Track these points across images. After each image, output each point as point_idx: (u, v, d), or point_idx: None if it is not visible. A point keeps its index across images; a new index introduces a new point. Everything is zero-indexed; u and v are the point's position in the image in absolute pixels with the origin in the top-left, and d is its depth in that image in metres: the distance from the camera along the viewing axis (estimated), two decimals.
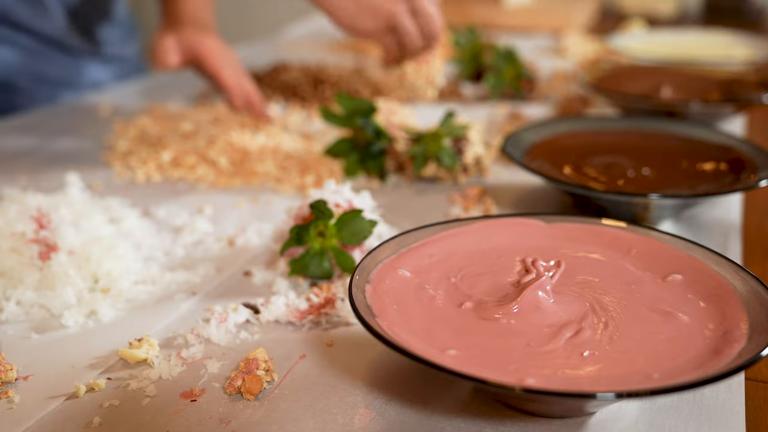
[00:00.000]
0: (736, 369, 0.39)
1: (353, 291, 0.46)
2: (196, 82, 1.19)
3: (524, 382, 0.40)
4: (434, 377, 0.48)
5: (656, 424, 0.44)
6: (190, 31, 0.98)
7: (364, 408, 0.46)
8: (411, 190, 0.80)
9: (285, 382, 0.48)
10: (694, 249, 0.52)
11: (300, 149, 0.89)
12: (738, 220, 0.72)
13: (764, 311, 0.45)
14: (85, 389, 0.47)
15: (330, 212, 0.59)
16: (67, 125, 1.01)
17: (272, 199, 0.78)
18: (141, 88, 1.21)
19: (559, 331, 0.45)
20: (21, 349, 0.52)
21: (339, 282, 0.59)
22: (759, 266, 0.66)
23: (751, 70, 1.13)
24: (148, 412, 0.45)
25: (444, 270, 0.52)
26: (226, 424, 0.44)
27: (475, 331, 0.45)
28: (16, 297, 0.56)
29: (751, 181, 0.67)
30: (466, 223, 0.57)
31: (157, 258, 0.65)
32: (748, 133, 1.00)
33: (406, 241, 0.54)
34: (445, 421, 0.44)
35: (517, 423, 0.44)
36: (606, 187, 0.69)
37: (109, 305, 0.56)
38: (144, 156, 0.87)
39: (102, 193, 0.79)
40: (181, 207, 0.76)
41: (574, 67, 1.30)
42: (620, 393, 0.38)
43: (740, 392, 0.47)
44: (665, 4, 1.94)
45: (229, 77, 0.95)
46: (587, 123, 0.85)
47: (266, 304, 0.56)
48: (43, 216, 0.60)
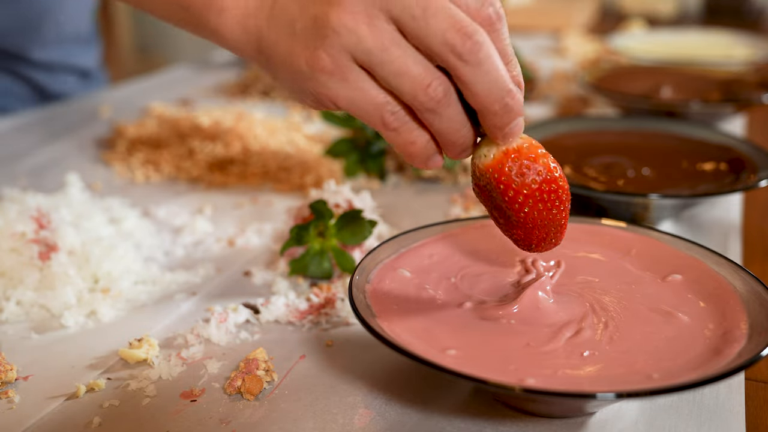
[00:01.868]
0: (736, 369, 0.39)
1: (353, 291, 0.46)
2: (196, 83, 1.19)
3: (524, 382, 0.40)
4: (434, 377, 0.48)
5: (656, 424, 0.44)
6: None
7: (364, 408, 0.46)
8: (411, 190, 0.80)
9: (285, 382, 0.48)
10: (694, 249, 0.52)
11: (300, 149, 0.89)
12: (738, 220, 0.72)
13: (764, 311, 0.45)
14: (85, 389, 0.47)
15: (330, 212, 0.59)
16: (67, 125, 1.01)
17: (272, 199, 0.78)
18: (141, 88, 1.21)
19: (559, 331, 0.45)
20: (21, 349, 0.52)
21: (339, 282, 0.59)
22: (759, 266, 0.66)
23: (751, 70, 1.13)
24: (148, 412, 0.45)
25: (444, 270, 0.52)
26: (226, 424, 0.44)
27: (475, 331, 0.45)
28: (16, 297, 0.56)
29: (751, 181, 0.67)
30: (466, 223, 0.57)
31: (157, 258, 0.65)
32: (748, 133, 1.00)
33: (406, 241, 0.54)
34: (445, 421, 0.44)
35: (517, 423, 0.44)
36: (606, 187, 0.69)
37: (109, 305, 0.56)
38: (144, 156, 0.87)
39: (102, 193, 0.79)
40: (181, 207, 0.76)
41: (574, 67, 1.30)
42: (620, 393, 0.38)
43: (740, 392, 0.47)
44: (665, 4, 1.94)
45: None
46: (587, 123, 0.85)
47: (266, 304, 0.56)
48: (43, 216, 0.60)
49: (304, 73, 0.43)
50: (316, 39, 0.43)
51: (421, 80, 0.42)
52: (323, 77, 0.43)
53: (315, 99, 0.45)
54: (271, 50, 0.46)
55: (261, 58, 0.47)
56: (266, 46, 0.46)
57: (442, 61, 0.41)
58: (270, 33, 0.46)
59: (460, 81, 0.42)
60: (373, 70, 0.42)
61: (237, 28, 0.47)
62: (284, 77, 0.46)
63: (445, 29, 0.41)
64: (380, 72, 0.42)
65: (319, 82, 0.43)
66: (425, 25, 0.41)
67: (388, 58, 0.41)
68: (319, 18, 0.42)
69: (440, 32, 0.41)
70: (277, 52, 0.45)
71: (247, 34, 0.47)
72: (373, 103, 0.43)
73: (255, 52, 0.47)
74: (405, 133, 0.44)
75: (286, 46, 0.44)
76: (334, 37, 0.42)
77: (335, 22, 0.42)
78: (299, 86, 0.45)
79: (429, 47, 0.41)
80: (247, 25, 0.47)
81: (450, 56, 0.41)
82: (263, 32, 0.46)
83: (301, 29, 0.43)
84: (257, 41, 0.46)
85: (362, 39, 0.41)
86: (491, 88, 0.41)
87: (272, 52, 0.46)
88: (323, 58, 0.42)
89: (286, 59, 0.44)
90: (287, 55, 0.44)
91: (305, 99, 0.45)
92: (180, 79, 1.28)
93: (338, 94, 0.43)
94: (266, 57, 0.46)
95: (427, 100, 0.42)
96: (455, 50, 0.41)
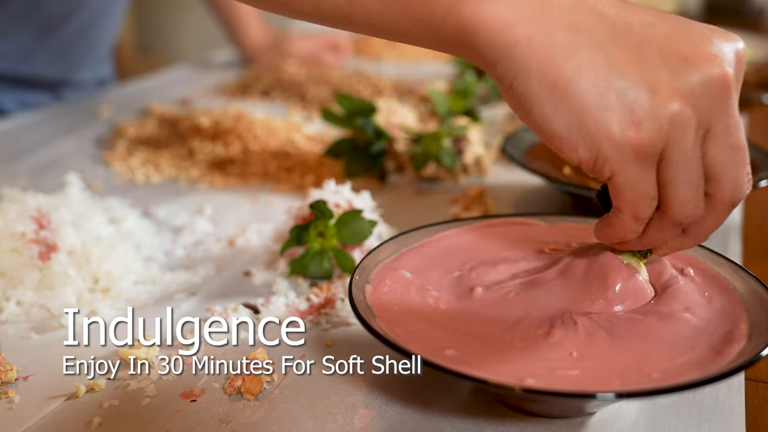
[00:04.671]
0: (736, 369, 0.39)
1: (353, 291, 0.46)
2: (196, 83, 1.19)
3: (524, 382, 0.40)
4: (434, 377, 0.48)
5: (656, 424, 0.44)
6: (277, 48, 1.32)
7: (364, 408, 0.46)
8: (411, 190, 0.80)
9: (285, 382, 0.48)
10: (694, 249, 0.52)
11: (300, 149, 0.89)
12: (738, 220, 0.72)
13: (764, 311, 0.45)
14: (85, 389, 0.47)
15: (330, 212, 0.59)
16: (67, 125, 1.01)
17: (272, 199, 0.78)
18: (141, 88, 1.21)
19: (559, 330, 0.45)
20: (21, 349, 0.52)
21: (339, 282, 0.59)
22: (759, 266, 0.66)
23: (751, 70, 1.13)
24: (148, 412, 0.45)
25: (444, 270, 0.52)
26: (226, 424, 0.44)
27: (476, 331, 0.45)
28: (16, 297, 0.56)
29: None
30: (466, 223, 0.56)
31: (157, 258, 0.65)
32: (748, 133, 1.00)
33: (406, 241, 0.54)
34: (445, 421, 0.44)
35: (517, 423, 0.44)
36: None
37: (109, 305, 0.56)
38: (144, 156, 0.87)
39: (102, 193, 0.79)
40: (181, 207, 0.76)
41: None
42: (620, 393, 0.38)
43: (740, 392, 0.47)
44: (665, 4, 1.94)
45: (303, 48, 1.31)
46: None
47: (266, 304, 0.56)
48: (43, 216, 0.60)
49: (610, 132, 0.39)
50: (644, 111, 0.39)
51: (697, 201, 0.41)
52: (627, 149, 0.39)
53: (592, 158, 0.40)
54: (565, 85, 0.39)
55: (533, 74, 0.40)
56: (556, 70, 0.39)
57: (710, 194, 0.42)
58: (568, 60, 0.39)
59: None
60: (668, 169, 0.40)
61: (509, 27, 0.39)
62: (562, 112, 0.39)
63: (737, 182, 0.41)
64: (672, 174, 0.40)
65: (620, 151, 0.39)
66: (728, 161, 0.40)
67: (689, 169, 0.40)
68: (658, 94, 0.39)
69: (732, 181, 0.41)
70: (574, 92, 0.39)
71: (527, 40, 0.39)
72: (644, 193, 0.41)
73: (531, 63, 0.39)
74: (640, 226, 0.43)
75: (595, 95, 0.39)
76: (668, 123, 0.39)
77: (677, 112, 0.39)
78: (584, 137, 0.40)
79: (715, 181, 0.41)
80: (529, 31, 0.39)
81: (727, 206, 0.42)
82: (554, 54, 0.39)
83: (625, 90, 0.39)
84: (540, 55, 0.39)
85: (686, 142, 0.39)
86: (708, 233, 0.44)
87: (566, 88, 0.39)
88: (645, 135, 0.39)
89: (591, 103, 0.39)
90: (594, 104, 0.39)
91: (578, 149, 0.40)
92: (180, 79, 1.28)
93: (626, 170, 0.40)
94: (548, 83, 0.39)
95: (687, 217, 0.42)
96: (733, 203, 0.42)
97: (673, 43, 0.40)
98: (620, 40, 0.40)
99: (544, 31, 0.39)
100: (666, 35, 0.40)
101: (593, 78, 0.39)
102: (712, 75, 0.39)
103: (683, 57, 0.39)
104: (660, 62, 0.39)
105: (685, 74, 0.39)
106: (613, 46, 0.39)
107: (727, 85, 0.39)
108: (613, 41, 0.40)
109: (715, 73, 0.39)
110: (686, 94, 0.39)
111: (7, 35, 1.04)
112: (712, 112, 0.39)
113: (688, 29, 0.41)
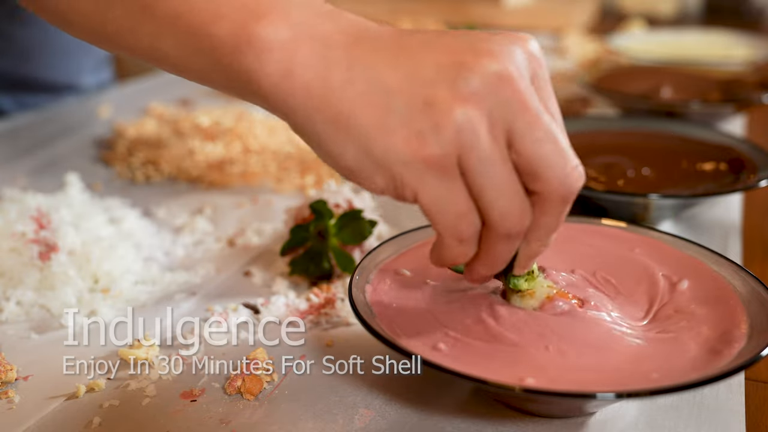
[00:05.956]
0: (736, 369, 0.39)
1: (353, 291, 0.46)
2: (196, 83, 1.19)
3: (524, 382, 0.40)
4: (434, 377, 0.48)
5: (656, 424, 0.44)
6: None
7: (364, 408, 0.46)
8: None
9: (285, 382, 0.48)
10: (693, 249, 0.52)
11: (300, 149, 0.89)
12: (738, 220, 0.72)
13: (764, 311, 0.45)
14: (85, 389, 0.47)
15: (330, 212, 0.59)
16: (67, 125, 1.01)
17: (272, 199, 0.78)
18: (141, 88, 1.21)
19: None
20: (21, 349, 0.52)
21: (339, 282, 0.59)
22: (759, 266, 0.66)
23: (751, 70, 1.13)
24: (148, 412, 0.45)
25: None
26: (226, 424, 0.44)
27: (476, 331, 0.45)
28: (16, 297, 0.56)
29: (751, 181, 0.67)
30: None
31: (157, 258, 0.65)
32: (748, 133, 1.00)
33: (406, 241, 0.54)
34: (445, 421, 0.44)
35: (517, 423, 0.44)
36: (606, 187, 0.69)
37: (109, 305, 0.56)
38: (144, 156, 0.87)
39: (102, 193, 0.79)
40: (181, 207, 0.76)
41: (574, 67, 1.30)
42: (620, 393, 0.38)
43: (740, 392, 0.47)
44: (665, 4, 1.94)
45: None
46: (587, 123, 0.85)
47: (266, 304, 0.56)
48: (43, 216, 0.60)
49: (398, 154, 0.38)
50: (426, 125, 0.38)
51: (519, 206, 0.39)
52: (420, 167, 0.38)
53: (391, 184, 0.40)
54: (346, 120, 0.39)
55: (315, 117, 0.40)
56: (335, 108, 0.39)
57: (537, 193, 0.39)
58: (344, 96, 0.39)
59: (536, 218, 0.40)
60: (473, 178, 0.38)
61: (285, 78, 0.40)
62: (351, 151, 0.39)
63: (561, 173, 0.39)
64: (480, 182, 0.38)
65: (413, 170, 0.38)
66: (542, 155, 0.39)
67: (495, 173, 0.38)
68: (436, 105, 0.38)
69: (556, 175, 0.39)
70: (355, 125, 0.39)
71: (303, 88, 0.39)
72: (457, 211, 0.39)
73: (310, 109, 0.40)
74: (468, 247, 0.41)
75: (376, 122, 0.38)
76: (453, 132, 0.37)
77: (461, 118, 0.37)
78: (376, 165, 0.39)
79: (537, 178, 0.39)
80: (305, 78, 0.39)
81: (561, 201, 0.40)
82: (331, 93, 0.39)
83: (402, 107, 0.38)
84: (317, 99, 0.39)
85: (480, 145, 0.38)
86: (549, 234, 0.41)
87: (347, 123, 0.39)
88: (433, 148, 0.38)
89: (373, 131, 0.38)
90: (376, 131, 0.38)
91: (374, 179, 0.40)
92: (180, 79, 1.27)
93: (426, 189, 0.39)
94: (330, 122, 0.39)
95: (513, 226, 0.40)
96: (566, 197, 0.40)
97: (451, 54, 0.39)
98: (396, 63, 0.39)
99: (320, 74, 0.39)
100: (443, 49, 0.39)
101: (371, 106, 0.38)
102: (491, 72, 0.38)
103: (461, 63, 0.38)
104: (435, 75, 0.38)
105: (463, 79, 0.38)
106: (389, 71, 0.39)
107: (510, 79, 0.38)
108: (389, 66, 0.39)
109: (493, 70, 0.38)
110: (467, 98, 0.37)
111: (8, 35, 1.04)
112: (503, 109, 0.38)
113: (469, 38, 0.40)
